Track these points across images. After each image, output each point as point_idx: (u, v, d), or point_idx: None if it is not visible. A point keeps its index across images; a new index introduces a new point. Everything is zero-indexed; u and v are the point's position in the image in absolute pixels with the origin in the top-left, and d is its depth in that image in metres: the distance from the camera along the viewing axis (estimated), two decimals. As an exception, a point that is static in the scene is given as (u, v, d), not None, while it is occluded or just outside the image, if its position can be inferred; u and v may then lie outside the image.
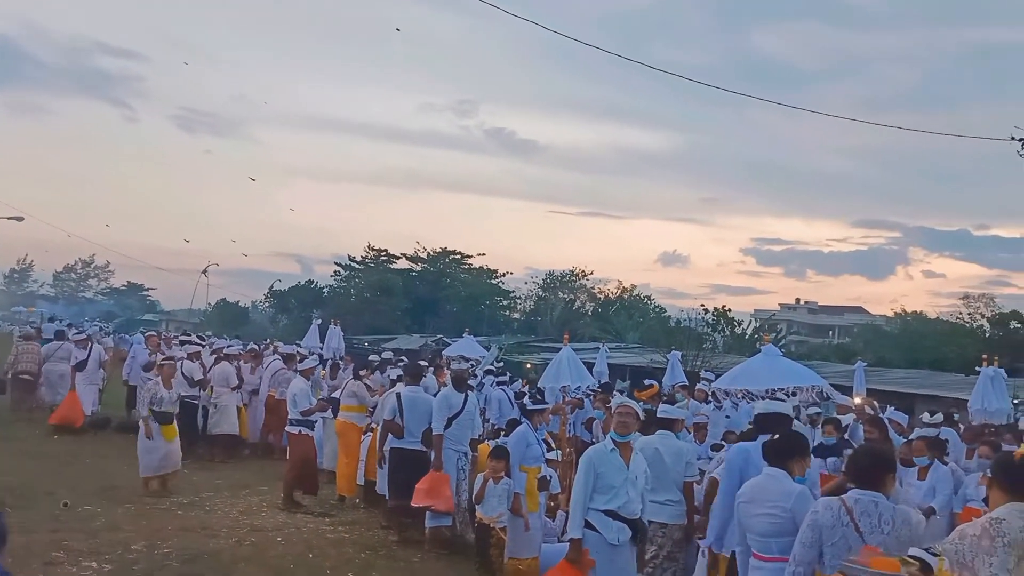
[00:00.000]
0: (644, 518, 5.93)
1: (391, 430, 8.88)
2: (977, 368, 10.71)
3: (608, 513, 5.67)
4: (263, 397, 13.33)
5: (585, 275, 46.86)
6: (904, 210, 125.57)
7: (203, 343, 15.53)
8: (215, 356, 13.55)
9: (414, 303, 41.59)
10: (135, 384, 15.05)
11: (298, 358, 12.33)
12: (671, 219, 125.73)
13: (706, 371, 16.17)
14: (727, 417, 10.64)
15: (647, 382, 11.95)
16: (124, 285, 75.20)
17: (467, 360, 16.22)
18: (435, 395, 9.14)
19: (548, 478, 7.77)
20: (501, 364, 18.95)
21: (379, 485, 9.66)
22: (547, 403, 8.90)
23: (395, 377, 10.85)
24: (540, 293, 46.36)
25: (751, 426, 7.06)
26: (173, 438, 10.19)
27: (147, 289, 74.92)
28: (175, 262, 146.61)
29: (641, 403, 7.44)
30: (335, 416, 10.71)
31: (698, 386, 12.95)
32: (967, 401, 14.57)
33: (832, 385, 10.81)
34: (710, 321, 32.30)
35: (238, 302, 53.41)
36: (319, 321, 18.68)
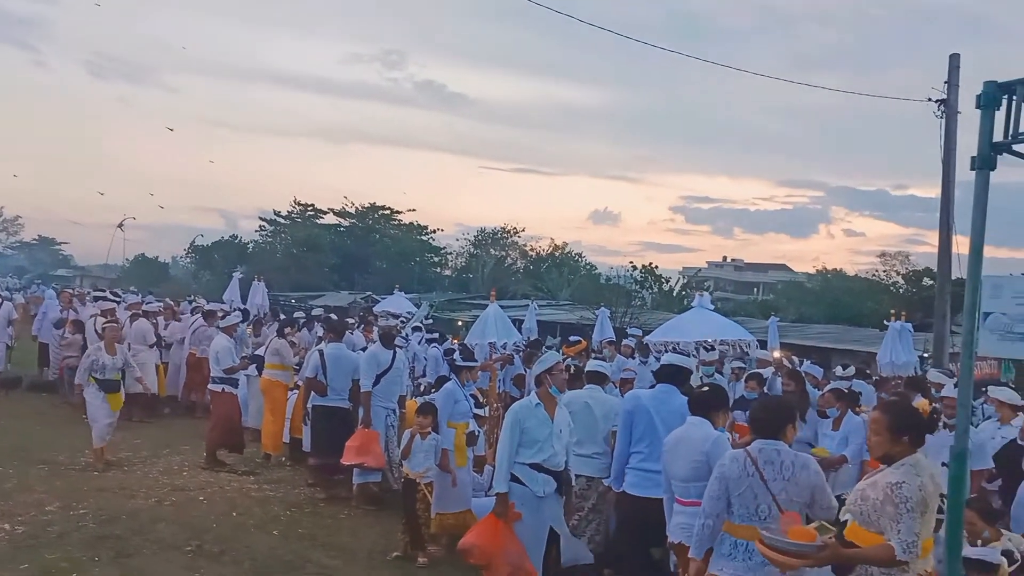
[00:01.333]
0: (570, 471, 6.04)
1: (314, 388, 8.77)
2: (886, 323, 11.11)
3: (533, 466, 5.75)
4: (185, 354, 12.95)
5: (517, 232, 46.85)
6: (827, 170, 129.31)
7: (118, 299, 14.97)
8: (131, 313, 13.08)
9: (343, 259, 40.99)
10: (46, 341, 14.48)
11: (220, 314, 11.98)
12: (603, 176, 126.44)
13: (632, 327, 16.41)
14: (653, 372, 10.80)
15: (573, 338, 12.03)
16: (35, 239, 72.02)
17: (395, 316, 16.06)
18: (363, 352, 9.03)
19: (476, 433, 7.78)
20: (430, 321, 18.85)
21: (305, 443, 9.56)
22: (475, 360, 8.89)
23: (321, 334, 10.67)
24: (471, 250, 46.14)
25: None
26: (119, 408, 9.76)
27: (60, 243, 71.94)
28: (89, 215, 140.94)
29: (568, 358, 7.51)
30: (259, 374, 10.50)
31: (624, 342, 13.15)
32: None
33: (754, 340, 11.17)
34: (638, 278, 32.76)
35: (157, 257, 51.67)
36: (241, 275, 18.11)
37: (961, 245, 13.92)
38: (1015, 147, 3.74)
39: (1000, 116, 3.74)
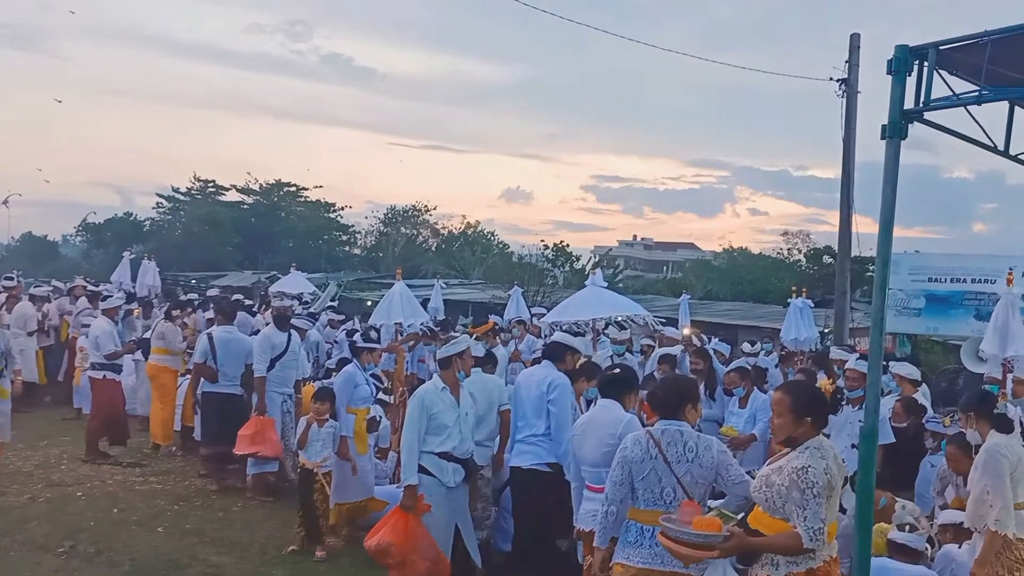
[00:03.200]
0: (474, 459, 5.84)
1: (203, 374, 8.27)
2: (788, 300, 11.26)
3: (442, 455, 5.51)
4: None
5: (428, 210, 46.20)
6: (733, 150, 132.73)
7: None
8: (6, 295, 12.09)
9: (246, 238, 39.44)
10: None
11: (103, 296, 11.18)
12: (515, 154, 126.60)
13: (538, 306, 16.26)
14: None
15: (492, 318, 11.75)
16: (-90, 217, 66.91)
17: (291, 297, 15.42)
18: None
19: (378, 419, 7.44)
20: (335, 303, 18.26)
21: (197, 432, 9.00)
22: (379, 342, 8.52)
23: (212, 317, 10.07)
24: (381, 228, 45.27)
25: (586, 358, 7.13)
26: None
27: (-62, 221, 66.99)
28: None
29: (474, 338, 7.23)
30: (146, 358, 9.83)
31: (533, 321, 12.96)
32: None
33: (663, 318, 11.14)
34: (550, 257, 32.74)
35: (46, 236, 48.65)
36: (131, 255, 17.06)
37: (860, 224, 14.28)
38: (927, 115, 3.61)
39: (911, 83, 3.62)
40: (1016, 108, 4.02)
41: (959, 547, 4.72)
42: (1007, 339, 6.52)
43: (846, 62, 14.36)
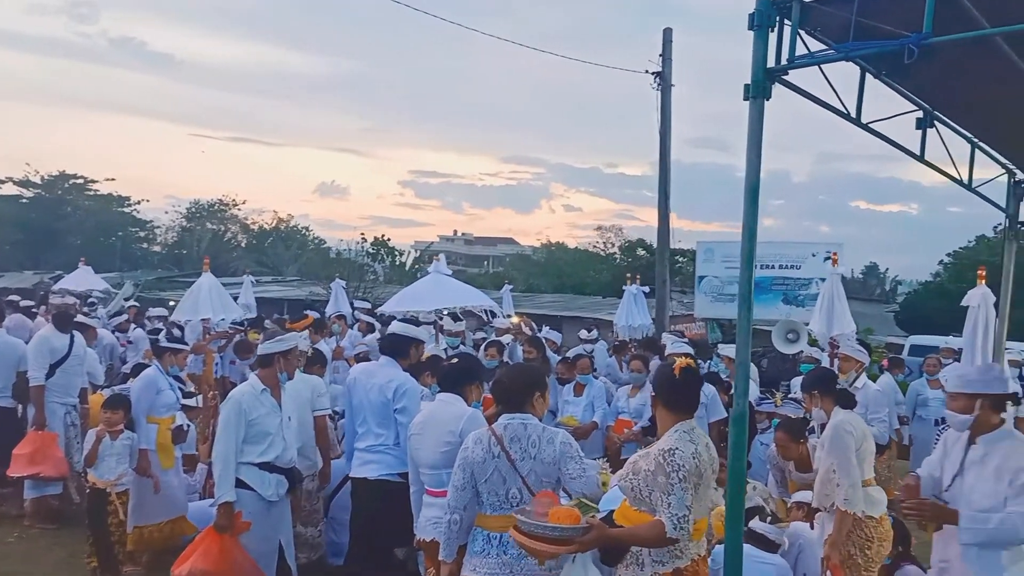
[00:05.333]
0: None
1: (-36, 385, 6.97)
2: (623, 287, 11.37)
3: (263, 466, 4.85)
4: None
5: (236, 204, 43.67)
6: (547, 147, 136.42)
7: None
8: None
9: (27, 235, 35.57)
10: None
11: None
12: (329, 148, 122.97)
13: (360, 300, 15.62)
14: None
15: (311, 313, 10.94)
16: None
17: (75, 295, 13.77)
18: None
19: (185, 428, 6.55)
20: (135, 304, 16.54)
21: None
22: (186, 342, 7.56)
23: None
24: (184, 224, 42.29)
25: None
26: None
27: None
28: None
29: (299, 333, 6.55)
30: None
31: (361, 317, 12.33)
32: (607, 320, 15.77)
33: (490, 312, 10.85)
34: (370, 251, 31.95)
35: None
36: None
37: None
38: (791, 72, 3.43)
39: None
40: (867, 76, 3.97)
41: (811, 527, 4.68)
42: (833, 319, 6.72)
43: (660, 56, 14.82)
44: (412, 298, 7.97)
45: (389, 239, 33.26)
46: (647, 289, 12.03)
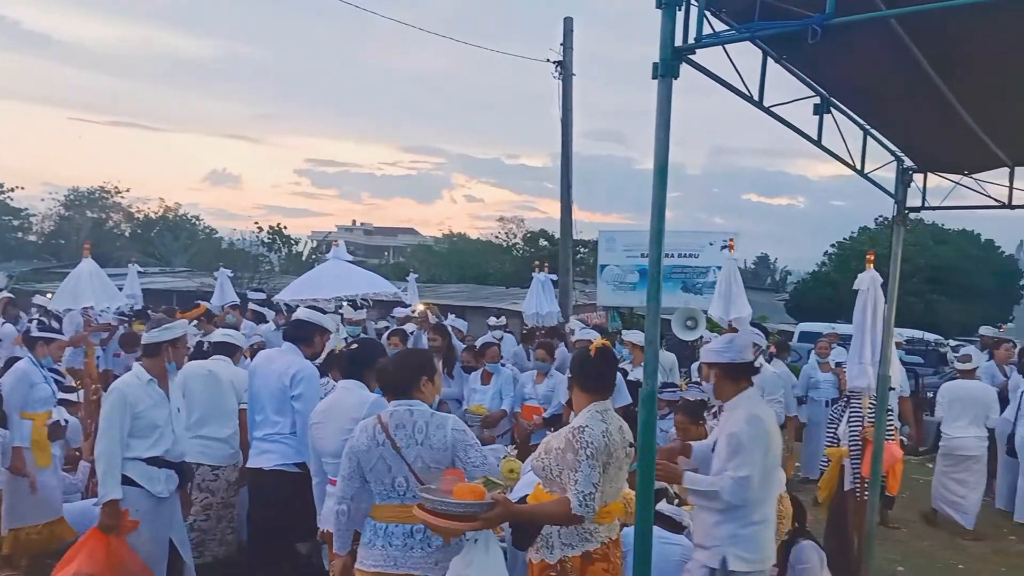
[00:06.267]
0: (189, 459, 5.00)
1: None
2: (532, 274, 11.37)
3: (152, 461, 4.60)
4: None
5: (119, 192, 41.55)
6: (448, 137, 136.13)
7: None
8: None
9: None
10: None
11: None
12: (220, 135, 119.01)
13: (253, 290, 15.18)
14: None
15: (202, 303, 10.48)
16: None
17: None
18: None
19: (63, 423, 6.12)
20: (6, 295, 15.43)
21: None
22: (61, 332, 7.08)
23: None
24: (62, 212, 39.94)
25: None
26: None
27: None
28: None
29: (188, 322, 6.24)
30: None
31: (251, 307, 11.90)
32: (510, 310, 15.79)
33: (393, 302, 10.66)
34: (266, 241, 31.01)
35: None
36: None
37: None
38: (698, 52, 3.42)
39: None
40: (769, 61, 4.02)
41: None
42: (731, 303, 6.87)
43: (561, 45, 14.93)
44: (311, 285, 7.68)
45: (285, 228, 32.37)
46: (555, 277, 12.09)
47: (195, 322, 8.78)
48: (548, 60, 14.83)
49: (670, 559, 4.03)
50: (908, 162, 5.75)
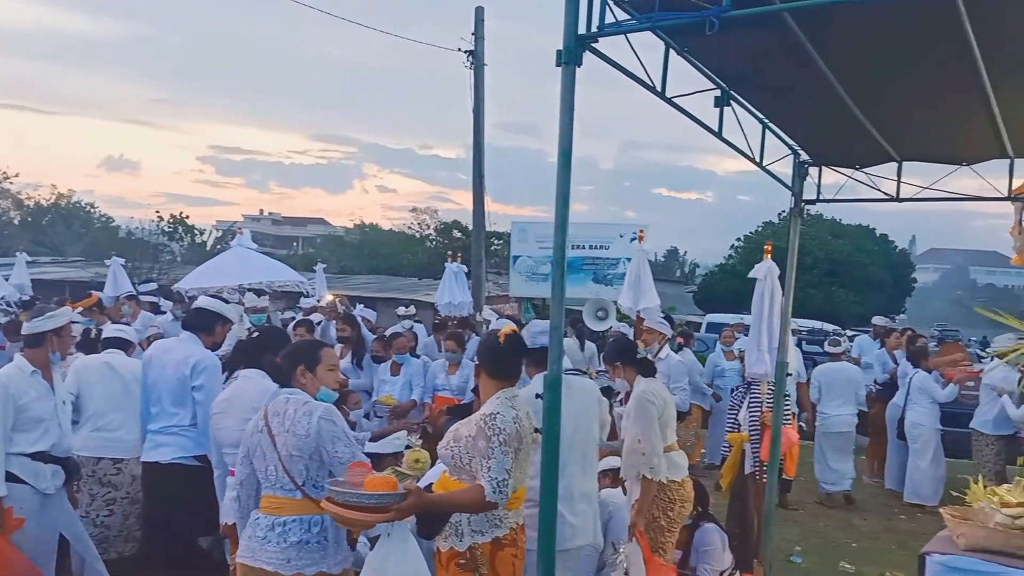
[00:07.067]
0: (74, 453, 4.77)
1: None
2: (445, 264, 11.31)
3: (37, 456, 4.38)
4: None
5: (8, 178, 39.33)
6: (360, 126, 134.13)
7: None
8: None
9: None
10: None
11: None
12: (117, 119, 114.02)
13: (144, 281, 14.72)
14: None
15: (95, 293, 9.97)
16: None
17: None
18: None
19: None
20: None
21: None
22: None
23: None
24: (-57, 199, 37.62)
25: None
26: None
27: None
28: None
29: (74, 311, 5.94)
30: None
31: (143, 298, 11.43)
32: (422, 301, 15.69)
33: (301, 292, 10.43)
34: (167, 230, 29.85)
35: None
36: None
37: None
38: (601, 39, 3.45)
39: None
40: (671, 53, 4.08)
41: (623, 492, 4.82)
42: (640, 293, 6.98)
43: (472, 34, 14.88)
44: (213, 273, 7.44)
45: (188, 216, 31.22)
46: (467, 268, 12.06)
47: (80, 311, 8.36)
48: (460, 49, 14.77)
49: None
50: (804, 156, 5.94)
